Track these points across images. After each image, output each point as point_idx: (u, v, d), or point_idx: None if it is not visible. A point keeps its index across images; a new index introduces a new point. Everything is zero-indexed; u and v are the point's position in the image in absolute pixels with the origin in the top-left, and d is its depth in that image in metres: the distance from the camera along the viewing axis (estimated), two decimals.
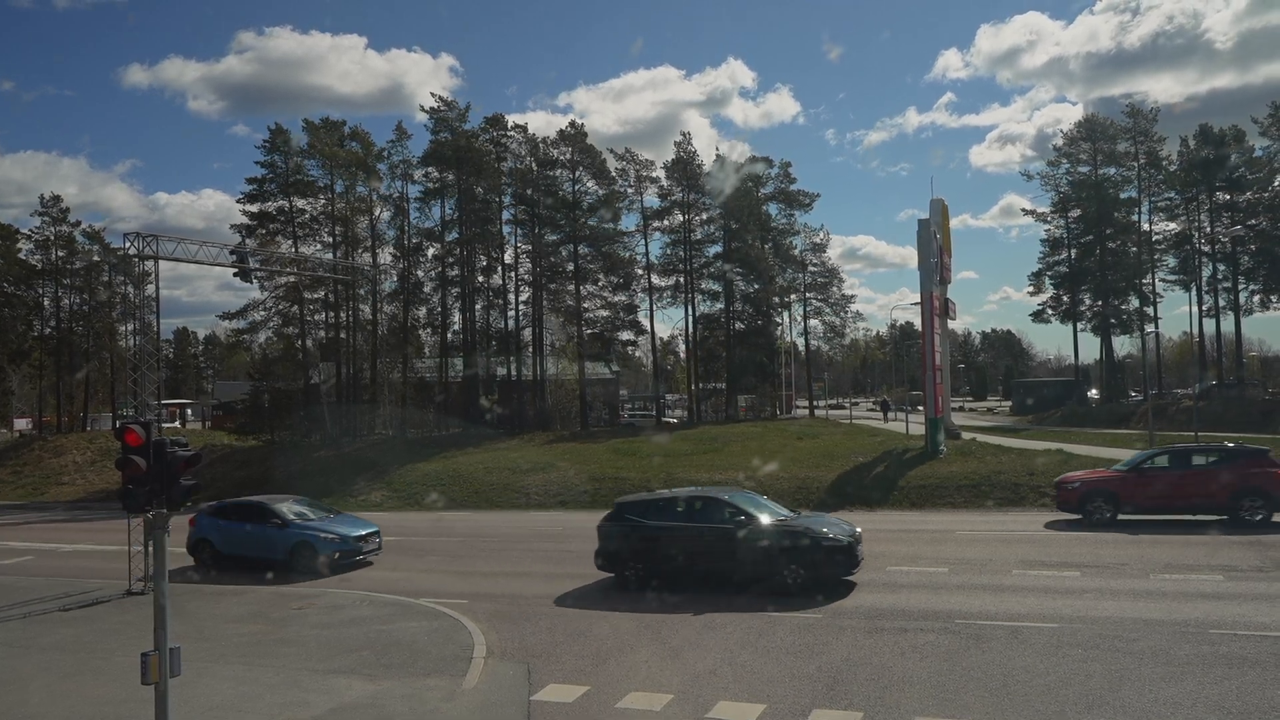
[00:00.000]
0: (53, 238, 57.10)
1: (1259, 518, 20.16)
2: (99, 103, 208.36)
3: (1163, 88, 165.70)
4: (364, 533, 20.63)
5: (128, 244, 21.87)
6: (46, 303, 58.93)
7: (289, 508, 20.95)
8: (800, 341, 64.84)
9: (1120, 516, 21.38)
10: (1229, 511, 20.41)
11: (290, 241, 49.91)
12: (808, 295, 62.24)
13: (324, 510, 22.01)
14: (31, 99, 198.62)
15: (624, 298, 56.09)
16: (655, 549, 16.28)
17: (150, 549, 16.15)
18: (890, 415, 61.57)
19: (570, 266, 54.20)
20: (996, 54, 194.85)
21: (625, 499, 18.39)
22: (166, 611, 8.26)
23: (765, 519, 15.90)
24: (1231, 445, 23.34)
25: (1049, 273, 64.08)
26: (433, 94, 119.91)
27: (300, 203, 50.82)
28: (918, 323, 44.60)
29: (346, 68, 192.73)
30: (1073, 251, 62.72)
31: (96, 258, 57.99)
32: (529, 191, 53.13)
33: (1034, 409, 67.01)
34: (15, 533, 30.23)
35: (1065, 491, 22.43)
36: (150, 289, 22.71)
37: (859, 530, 16.20)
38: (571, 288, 54.20)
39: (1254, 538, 18.83)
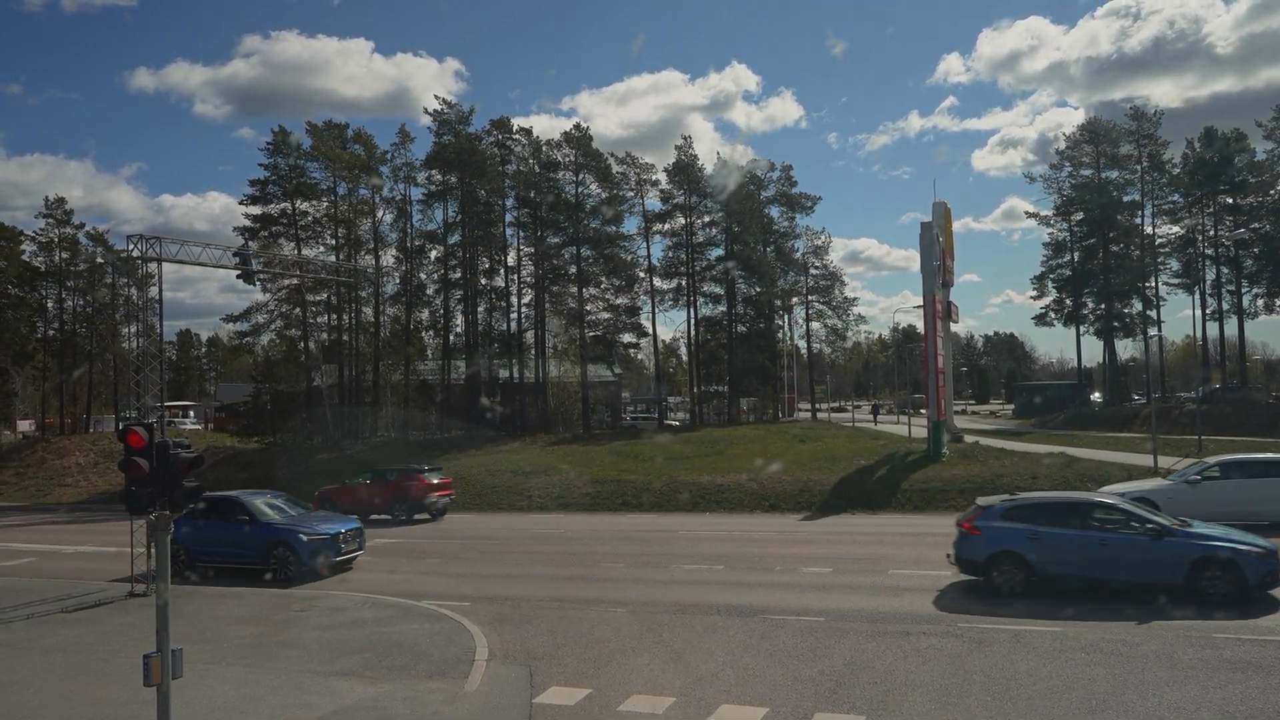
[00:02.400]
0: (56, 240, 57.23)
1: (403, 517, 28.52)
2: (105, 106, 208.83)
3: (1163, 92, 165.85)
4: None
5: (131, 246, 21.88)
6: (50, 304, 59.03)
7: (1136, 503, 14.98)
8: (802, 344, 64.91)
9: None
10: (389, 511, 28.64)
11: (293, 244, 50.01)
12: (809, 298, 62.27)
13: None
14: (38, 102, 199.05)
15: (626, 300, 56.20)
16: None
17: (153, 550, 16.16)
18: (880, 417, 61.85)
19: (573, 269, 54.26)
20: (998, 58, 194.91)
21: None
22: (168, 613, 8.25)
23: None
24: (401, 467, 31.11)
25: (1051, 276, 64.03)
26: (436, 96, 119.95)
27: (303, 205, 50.98)
28: (920, 325, 44.77)
29: (353, 71, 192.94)
30: (1075, 254, 62.66)
31: (100, 260, 58.09)
32: (531, 194, 53.19)
33: (1037, 412, 66.96)
34: (18, 534, 30.25)
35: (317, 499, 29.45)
36: (153, 291, 22.73)
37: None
38: (574, 290, 54.27)
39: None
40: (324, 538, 18.98)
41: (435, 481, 29.39)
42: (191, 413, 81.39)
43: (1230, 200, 59.01)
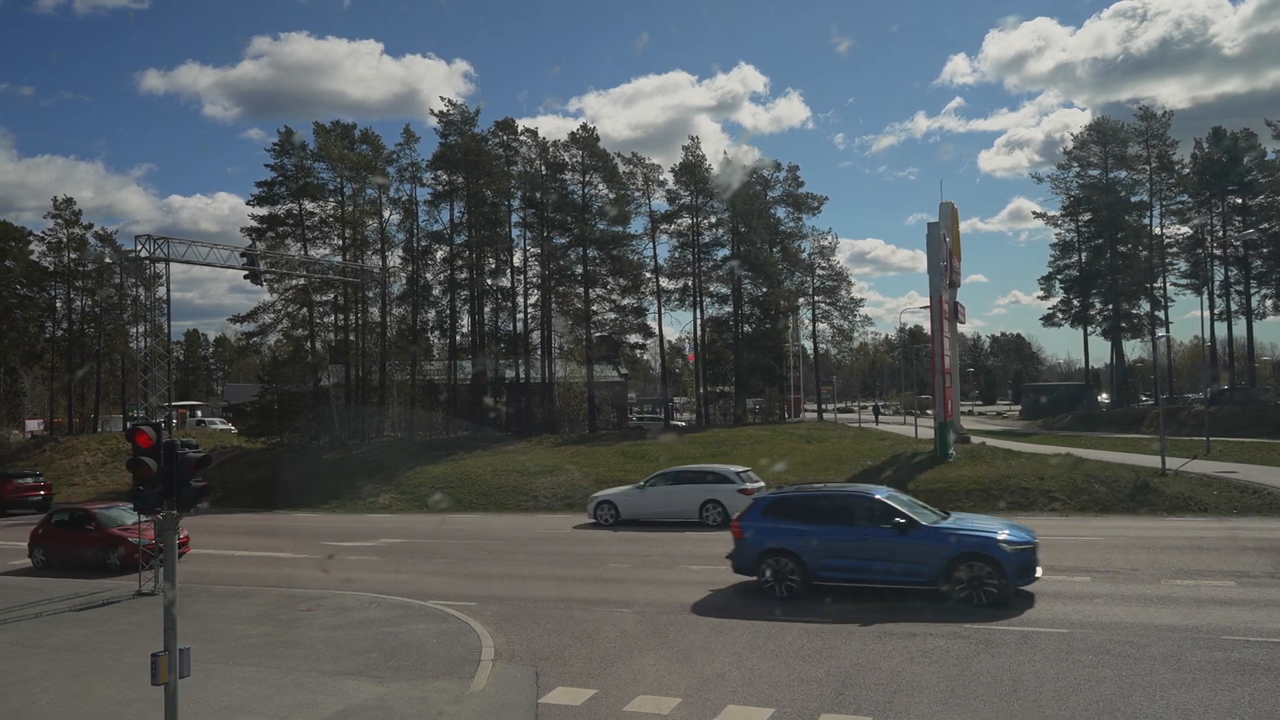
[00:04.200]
0: (65, 240, 57.49)
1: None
2: (115, 107, 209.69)
3: (1170, 93, 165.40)
4: None
5: (139, 246, 21.99)
6: (58, 305, 59.30)
7: None
8: (808, 345, 64.86)
9: None
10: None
11: (300, 244, 50.13)
12: (816, 299, 62.23)
13: None
14: (49, 104, 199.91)
15: (632, 300, 56.21)
16: None
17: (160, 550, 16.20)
18: (882, 418, 61.97)
19: (579, 269, 54.28)
20: (1004, 59, 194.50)
21: None
22: (175, 612, 8.28)
23: None
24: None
25: (1059, 276, 63.88)
26: (442, 97, 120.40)
27: (310, 205, 51.10)
28: (926, 326, 44.71)
29: (362, 73, 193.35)
30: (1083, 255, 62.49)
31: (108, 260, 58.35)
32: (538, 195, 53.24)
33: (1044, 413, 66.79)
34: (26, 534, 30.33)
35: None
36: (161, 291, 22.84)
37: None
38: (580, 290, 54.29)
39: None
40: (1027, 548, 13.87)
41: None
42: (199, 412, 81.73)
43: (1239, 200, 58.80)
